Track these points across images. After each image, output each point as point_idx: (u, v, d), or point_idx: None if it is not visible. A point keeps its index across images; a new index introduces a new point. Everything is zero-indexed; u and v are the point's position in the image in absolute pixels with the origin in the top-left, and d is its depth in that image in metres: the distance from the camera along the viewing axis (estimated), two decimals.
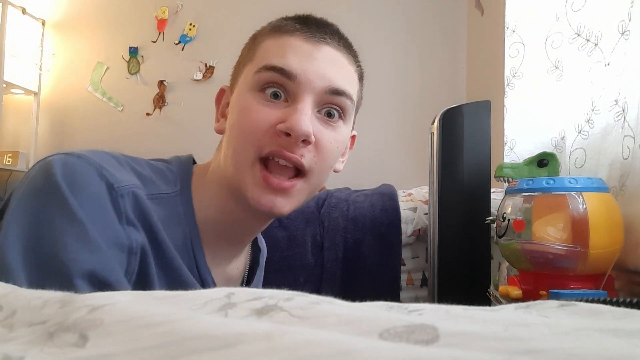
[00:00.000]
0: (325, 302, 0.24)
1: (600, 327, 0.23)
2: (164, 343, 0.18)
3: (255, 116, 0.60)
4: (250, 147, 0.60)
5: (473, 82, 2.33)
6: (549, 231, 0.80)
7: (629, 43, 0.89)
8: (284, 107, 0.60)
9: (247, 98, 0.61)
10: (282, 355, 0.18)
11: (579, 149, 1.04)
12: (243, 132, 0.61)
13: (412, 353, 0.17)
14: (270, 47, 0.62)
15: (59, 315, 0.20)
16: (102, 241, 0.50)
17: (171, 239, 0.59)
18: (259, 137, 0.60)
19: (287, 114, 0.59)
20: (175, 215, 0.62)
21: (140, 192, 0.56)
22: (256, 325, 0.20)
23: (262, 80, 0.61)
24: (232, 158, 0.62)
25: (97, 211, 0.51)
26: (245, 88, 0.62)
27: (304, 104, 0.60)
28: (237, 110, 0.63)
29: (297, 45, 0.61)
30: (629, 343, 0.22)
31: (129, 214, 0.54)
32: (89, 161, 0.53)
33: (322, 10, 0.79)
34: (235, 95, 0.65)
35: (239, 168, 0.61)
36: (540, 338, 0.20)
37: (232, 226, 0.67)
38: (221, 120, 0.68)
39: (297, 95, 0.60)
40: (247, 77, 0.63)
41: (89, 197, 0.51)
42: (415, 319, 0.21)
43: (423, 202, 1.48)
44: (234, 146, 0.62)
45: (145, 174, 0.60)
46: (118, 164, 0.57)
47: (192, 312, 0.22)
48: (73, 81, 2.77)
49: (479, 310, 0.25)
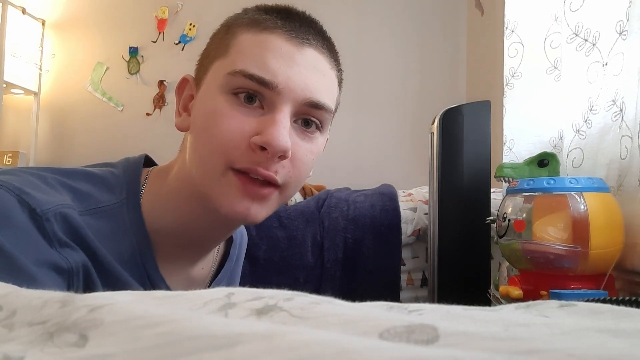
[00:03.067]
0: (325, 302, 0.24)
1: (600, 327, 0.23)
2: (163, 343, 0.18)
3: (227, 124, 0.54)
4: (221, 157, 0.55)
5: (473, 82, 2.33)
6: (550, 231, 0.80)
7: (627, 43, 0.89)
8: (259, 114, 0.55)
9: (217, 101, 0.56)
10: (282, 355, 0.18)
11: (577, 149, 1.04)
12: (213, 140, 0.55)
13: (412, 353, 0.17)
14: (247, 46, 0.56)
15: (59, 315, 0.20)
16: (35, 268, 0.47)
17: (116, 252, 0.56)
18: (230, 149, 0.54)
19: (264, 125, 0.54)
20: (122, 227, 0.57)
21: (70, 210, 0.52)
22: (256, 325, 0.20)
23: (235, 85, 0.55)
24: (199, 166, 0.57)
25: (24, 240, 0.48)
26: (215, 88, 0.57)
27: (282, 115, 0.55)
28: (205, 112, 0.57)
29: (278, 47, 0.56)
30: (629, 343, 0.22)
31: (60, 236, 0.50)
32: (8, 187, 0.50)
33: (322, 10, 0.79)
34: (202, 93, 0.59)
35: (207, 177, 0.56)
36: (540, 338, 0.20)
37: (194, 234, 0.62)
38: (183, 115, 0.62)
39: (275, 104, 0.55)
40: (218, 75, 0.57)
41: (12, 228, 0.48)
42: (415, 319, 0.21)
43: (423, 202, 1.48)
44: (201, 154, 0.57)
45: (80, 188, 0.56)
46: (44, 184, 0.53)
47: (192, 312, 0.22)
48: (73, 81, 2.77)
49: (479, 310, 0.25)
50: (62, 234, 0.51)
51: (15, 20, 2.55)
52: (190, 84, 0.62)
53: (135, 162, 0.64)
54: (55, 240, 0.50)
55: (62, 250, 0.51)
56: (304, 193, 1.82)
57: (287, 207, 1.51)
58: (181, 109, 0.63)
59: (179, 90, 0.64)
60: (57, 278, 0.50)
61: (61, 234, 0.51)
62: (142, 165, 0.64)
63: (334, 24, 2.71)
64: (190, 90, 0.62)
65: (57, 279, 0.50)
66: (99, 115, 2.74)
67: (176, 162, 0.63)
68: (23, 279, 0.45)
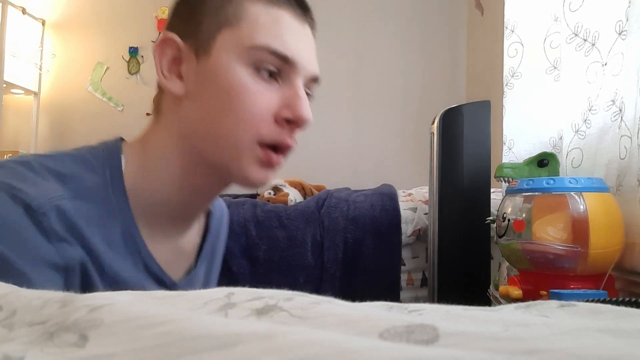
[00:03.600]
0: (325, 302, 0.24)
1: (600, 327, 0.23)
2: (163, 343, 0.18)
3: (254, 100, 0.57)
4: (249, 133, 0.57)
5: (473, 82, 2.33)
6: (549, 231, 0.80)
7: (626, 43, 0.89)
8: (277, 88, 0.58)
9: (240, 74, 0.57)
10: (282, 355, 0.18)
11: (576, 149, 1.04)
12: (240, 116, 0.57)
13: (412, 353, 0.17)
14: (262, 20, 0.58)
15: (59, 315, 0.20)
16: (32, 268, 0.48)
17: (108, 236, 0.56)
18: (259, 125, 0.57)
19: (289, 100, 0.58)
20: (109, 208, 0.57)
21: (64, 201, 0.52)
22: (256, 325, 0.20)
23: (259, 60, 0.57)
24: (220, 139, 0.58)
25: (20, 239, 0.48)
26: (232, 59, 0.57)
27: (301, 90, 0.59)
28: (226, 85, 0.57)
29: (289, 24, 0.59)
30: (629, 343, 0.22)
31: (57, 229, 0.50)
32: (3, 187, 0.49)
33: (323, 10, 0.79)
34: (215, 63, 0.58)
35: (233, 150, 0.58)
36: (540, 338, 0.20)
37: (183, 203, 0.63)
38: (173, 79, 0.60)
39: (291, 79, 0.59)
40: (233, 47, 0.57)
41: (7, 227, 0.48)
42: (415, 319, 0.21)
43: (423, 202, 1.48)
44: (226, 128, 0.58)
45: (65, 171, 0.55)
46: (32, 173, 0.53)
47: (191, 312, 0.22)
48: (73, 81, 2.77)
49: (479, 310, 0.25)
50: (59, 227, 0.51)
51: (16, 20, 2.55)
52: (179, 46, 0.60)
53: (113, 141, 0.64)
54: (53, 234, 0.50)
55: (59, 245, 0.50)
56: (304, 193, 1.82)
57: (287, 207, 1.51)
58: (166, 71, 0.61)
59: (160, 50, 0.61)
60: (54, 276, 0.50)
61: (58, 228, 0.50)
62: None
63: (334, 24, 2.72)
64: (175, 52, 0.60)
65: (55, 277, 0.50)
66: (99, 115, 2.74)
67: (157, 132, 0.63)
68: (20, 282, 0.45)
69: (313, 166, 2.27)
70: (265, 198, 1.72)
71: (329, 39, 2.39)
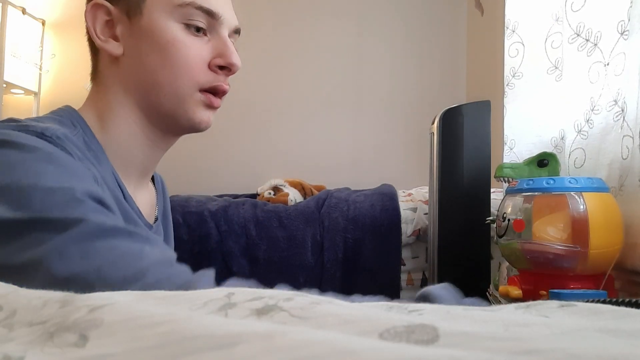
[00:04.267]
0: (325, 302, 0.24)
1: (600, 327, 0.23)
2: (164, 343, 0.18)
3: (188, 51, 0.63)
4: (188, 81, 0.64)
5: (473, 82, 2.33)
6: (549, 231, 0.80)
7: (629, 43, 0.89)
8: (207, 41, 0.66)
9: (172, 30, 0.63)
10: (282, 356, 0.18)
11: (579, 149, 1.04)
12: (178, 67, 0.63)
13: (412, 353, 0.17)
14: None
15: (59, 315, 0.20)
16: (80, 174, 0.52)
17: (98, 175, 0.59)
18: (195, 72, 0.64)
19: (220, 50, 0.65)
20: (92, 154, 0.61)
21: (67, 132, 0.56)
22: (256, 325, 0.20)
23: (187, 15, 0.63)
24: (165, 89, 0.64)
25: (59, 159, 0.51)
26: (163, 17, 0.63)
27: (227, 38, 0.66)
28: (161, 41, 0.63)
29: None
30: (629, 343, 0.22)
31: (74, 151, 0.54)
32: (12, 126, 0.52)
33: (323, 9, 0.80)
34: (147, 22, 0.64)
35: (178, 98, 0.64)
36: (540, 338, 0.20)
37: (142, 156, 0.69)
38: (111, 42, 0.66)
39: (218, 31, 0.66)
40: (163, 6, 0.63)
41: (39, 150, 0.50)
42: (415, 319, 0.21)
43: (423, 202, 1.48)
44: (168, 79, 0.64)
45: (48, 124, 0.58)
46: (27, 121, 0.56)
47: (192, 312, 0.22)
48: (73, 81, 2.76)
49: (479, 310, 0.25)
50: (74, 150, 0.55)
51: (15, 20, 2.55)
52: (110, 10, 0.65)
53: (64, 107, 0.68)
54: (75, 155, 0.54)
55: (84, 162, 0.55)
56: (304, 193, 1.82)
57: (287, 207, 1.51)
58: (101, 34, 0.66)
59: (92, 14, 0.66)
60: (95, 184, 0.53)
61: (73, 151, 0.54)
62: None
63: (334, 24, 2.71)
64: (106, 15, 0.65)
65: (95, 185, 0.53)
66: None
67: (102, 93, 0.67)
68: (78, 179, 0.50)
69: (313, 166, 2.27)
70: (265, 198, 1.72)
71: (329, 38, 2.39)
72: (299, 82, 2.38)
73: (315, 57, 2.38)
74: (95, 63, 0.70)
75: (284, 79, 2.45)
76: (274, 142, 2.38)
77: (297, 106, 2.41)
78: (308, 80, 2.39)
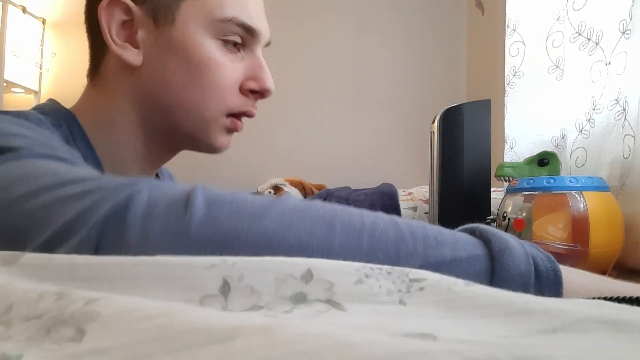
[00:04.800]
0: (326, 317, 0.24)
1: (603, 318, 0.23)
2: (161, 336, 0.18)
3: (223, 72, 0.58)
4: (217, 105, 0.59)
5: (473, 81, 2.33)
6: (550, 230, 0.80)
7: (630, 42, 0.89)
8: (240, 59, 0.60)
9: (208, 47, 0.56)
10: (281, 350, 0.18)
11: (580, 148, 1.04)
12: (210, 89, 0.57)
13: (410, 346, 0.17)
14: None
15: (55, 308, 0.19)
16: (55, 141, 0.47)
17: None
18: (226, 95, 0.59)
19: (254, 71, 0.60)
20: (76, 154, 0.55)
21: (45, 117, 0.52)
22: (255, 318, 0.20)
23: (226, 32, 0.57)
24: (189, 111, 0.58)
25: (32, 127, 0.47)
26: (199, 31, 0.56)
27: (262, 59, 0.61)
28: (196, 59, 0.56)
29: None
30: (632, 338, 0.21)
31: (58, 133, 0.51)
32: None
33: (323, 9, 0.79)
34: (179, 35, 0.56)
35: (201, 122, 0.59)
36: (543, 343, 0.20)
37: (138, 170, 0.63)
38: (129, 49, 0.57)
39: (253, 49, 0.61)
40: (201, 18, 0.56)
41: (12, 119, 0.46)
42: (414, 328, 0.21)
43: (423, 201, 1.48)
44: (196, 102, 0.58)
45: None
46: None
47: (189, 304, 0.22)
48: (73, 80, 2.76)
49: (481, 290, 0.24)
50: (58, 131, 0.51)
51: (16, 19, 2.55)
52: (131, 9, 0.56)
53: (54, 104, 0.62)
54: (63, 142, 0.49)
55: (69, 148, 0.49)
56: (304, 192, 1.82)
57: None
58: (117, 37, 0.57)
59: (106, 12, 0.56)
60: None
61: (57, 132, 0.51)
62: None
63: (334, 23, 2.71)
64: (124, 15, 0.56)
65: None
66: None
67: (104, 98, 0.60)
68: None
69: (313, 165, 2.27)
70: None
71: (329, 38, 2.39)
72: (299, 82, 2.38)
73: (315, 56, 2.37)
74: (98, 62, 0.61)
75: (284, 78, 2.45)
76: (274, 141, 2.38)
77: (297, 105, 2.41)
78: (308, 80, 2.39)
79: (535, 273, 0.35)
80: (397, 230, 0.35)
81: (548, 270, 0.36)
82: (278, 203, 0.34)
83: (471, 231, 0.40)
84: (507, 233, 0.38)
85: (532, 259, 0.36)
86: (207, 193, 0.34)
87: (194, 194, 0.33)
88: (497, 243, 0.36)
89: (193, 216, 0.31)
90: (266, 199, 0.35)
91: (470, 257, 0.35)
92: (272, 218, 0.33)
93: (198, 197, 0.33)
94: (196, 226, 0.31)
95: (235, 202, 0.33)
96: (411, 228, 0.36)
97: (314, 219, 0.34)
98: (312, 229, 0.33)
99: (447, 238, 0.36)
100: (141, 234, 0.31)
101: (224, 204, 0.33)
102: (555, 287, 0.36)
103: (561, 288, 0.36)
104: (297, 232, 0.32)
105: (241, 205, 0.33)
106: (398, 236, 0.35)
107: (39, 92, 2.74)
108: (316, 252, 0.32)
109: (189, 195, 0.33)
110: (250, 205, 0.34)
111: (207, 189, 0.35)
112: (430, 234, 0.36)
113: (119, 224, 0.31)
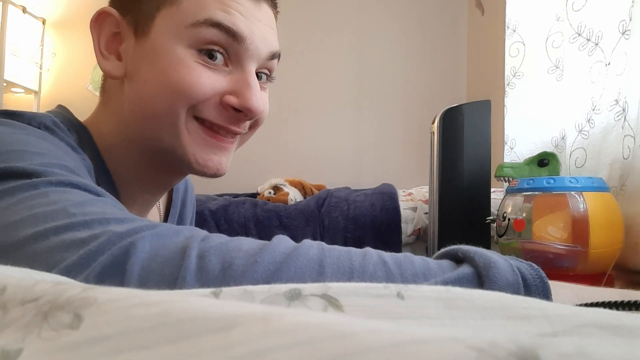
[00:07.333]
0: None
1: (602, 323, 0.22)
2: (158, 324, 0.18)
3: (196, 77, 0.52)
4: (184, 105, 0.52)
5: (473, 82, 2.33)
6: (550, 230, 0.79)
7: (630, 43, 0.89)
8: (226, 72, 0.54)
9: (179, 55, 0.52)
10: (279, 339, 0.18)
11: (580, 149, 1.04)
12: (177, 89, 0.52)
13: (413, 333, 0.17)
14: None
15: (52, 292, 0.19)
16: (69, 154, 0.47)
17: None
18: (198, 99, 0.52)
19: (237, 87, 0.54)
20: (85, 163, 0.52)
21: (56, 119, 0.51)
22: (253, 307, 0.19)
23: (202, 39, 0.52)
24: (162, 121, 0.53)
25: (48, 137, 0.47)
26: (171, 41, 0.52)
27: (252, 76, 0.55)
28: (163, 68, 0.52)
29: (240, 2, 0.53)
30: (630, 342, 0.21)
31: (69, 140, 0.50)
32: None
33: (323, 9, 0.79)
34: (152, 46, 0.53)
35: (169, 128, 0.53)
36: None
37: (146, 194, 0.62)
38: (112, 59, 0.55)
39: (242, 62, 0.54)
40: (173, 27, 0.52)
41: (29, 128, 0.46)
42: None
43: (423, 201, 1.48)
44: (165, 107, 0.53)
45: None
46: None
47: (186, 292, 0.22)
48: (73, 80, 2.77)
49: (479, 294, 0.24)
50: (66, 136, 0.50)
51: (16, 19, 2.55)
52: (118, 22, 0.55)
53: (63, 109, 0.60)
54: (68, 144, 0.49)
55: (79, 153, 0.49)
56: (304, 192, 1.82)
57: (287, 207, 1.51)
58: (104, 50, 0.56)
59: (97, 24, 0.55)
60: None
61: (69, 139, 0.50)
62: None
63: (334, 23, 2.72)
64: (113, 27, 0.55)
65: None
66: None
67: (106, 117, 0.59)
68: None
69: (313, 165, 2.27)
70: (266, 197, 1.72)
71: (329, 38, 2.39)
72: (299, 82, 2.38)
73: (316, 57, 2.38)
74: (104, 79, 0.60)
75: (284, 78, 2.45)
76: (274, 141, 2.38)
77: (297, 106, 2.41)
78: (308, 80, 2.39)
79: (524, 282, 0.36)
80: (386, 270, 0.36)
81: (535, 278, 0.37)
82: (269, 249, 0.36)
83: (454, 254, 0.40)
84: (490, 250, 0.39)
85: (517, 269, 0.37)
86: (201, 246, 0.35)
87: (190, 247, 0.35)
88: (480, 260, 0.37)
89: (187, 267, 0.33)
90: (257, 245, 0.37)
91: (459, 277, 0.36)
92: (263, 266, 0.34)
93: (193, 250, 0.35)
94: (190, 278, 0.33)
95: (227, 251, 0.35)
96: (400, 266, 0.37)
97: (304, 264, 0.35)
98: (302, 275, 0.34)
99: (435, 272, 0.37)
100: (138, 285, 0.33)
101: (218, 254, 0.35)
102: (543, 294, 0.37)
103: (549, 294, 0.37)
104: (287, 279, 0.34)
105: (234, 254, 0.35)
106: (387, 276, 0.36)
107: (39, 92, 2.74)
108: None
109: (185, 249, 0.35)
110: (244, 255, 0.35)
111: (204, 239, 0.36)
112: (418, 270, 0.37)
113: (118, 272, 0.33)
